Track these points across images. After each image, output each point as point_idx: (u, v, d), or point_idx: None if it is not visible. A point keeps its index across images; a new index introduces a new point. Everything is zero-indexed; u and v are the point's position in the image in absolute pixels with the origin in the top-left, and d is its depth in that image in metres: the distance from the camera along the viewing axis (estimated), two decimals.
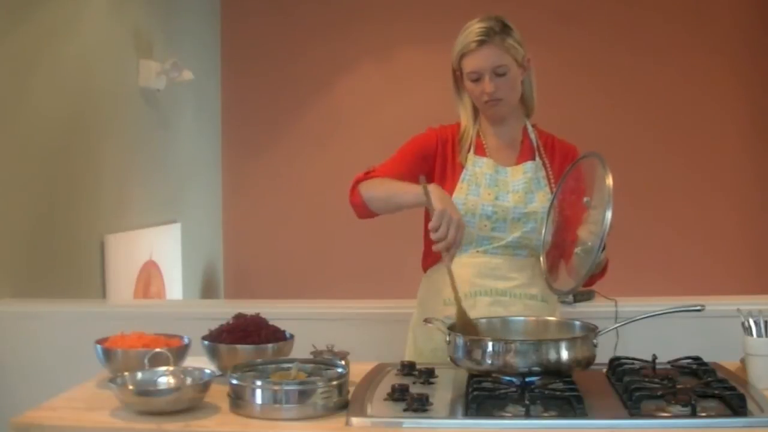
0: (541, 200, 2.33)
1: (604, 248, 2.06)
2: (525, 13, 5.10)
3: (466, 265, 2.33)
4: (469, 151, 2.38)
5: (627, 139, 5.17)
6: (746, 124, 5.21)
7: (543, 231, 2.26)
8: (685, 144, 5.21)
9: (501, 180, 2.35)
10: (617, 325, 1.99)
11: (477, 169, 2.36)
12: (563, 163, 2.39)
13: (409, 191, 2.22)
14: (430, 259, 2.41)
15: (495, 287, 2.32)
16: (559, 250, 2.21)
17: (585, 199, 2.10)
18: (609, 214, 1.95)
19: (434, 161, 2.40)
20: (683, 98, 5.20)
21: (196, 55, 4.98)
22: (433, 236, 2.09)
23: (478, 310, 2.27)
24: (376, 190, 2.34)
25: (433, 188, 2.15)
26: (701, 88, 5.20)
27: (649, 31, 5.20)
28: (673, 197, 5.21)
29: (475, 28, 2.31)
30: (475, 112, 2.42)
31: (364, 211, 2.40)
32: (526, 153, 2.41)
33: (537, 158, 2.39)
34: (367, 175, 2.40)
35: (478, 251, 2.34)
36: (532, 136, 2.42)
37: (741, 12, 5.18)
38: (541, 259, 2.26)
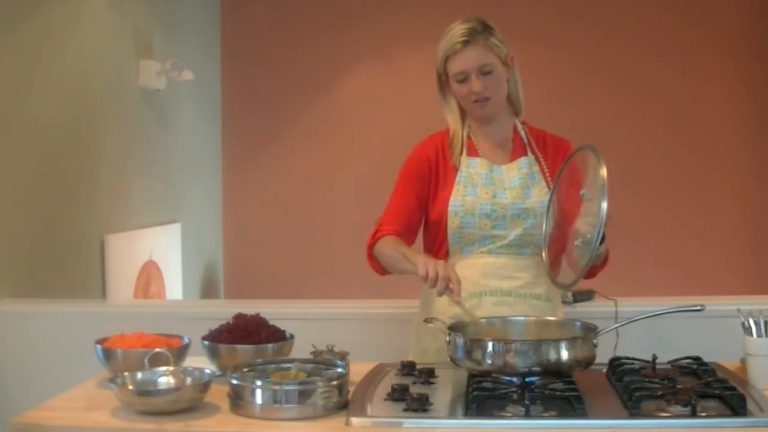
0: (538, 195, 2.34)
1: (603, 239, 2.07)
2: (527, 12, 5.13)
3: (471, 266, 2.34)
4: (461, 153, 2.39)
5: (629, 136, 5.17)
6: (750, 121, 5.21)
7: (543, 226, 2.27)
8: (688, 141, 5.21)
9: (497, 178, 2.36)
10: (617, 325, 1.99)
11: (471, 169, 2.37)
12: (556, 157, 2.40)
13: (404, 264, 2.22)
14: None
15: (500, 287, 2.33)
16: (560, 244, 2.21)
17: (581, 191, 2.11)
18: (605, 205, 1.96)
19: (430, 178, 2.41)
20: (685, 95, 5.20)
21: (196, 55, 4.98)
22: (429, 285, 2.08)
23: (483, 310, 2.28)
24: (385, 260, 2.35)
25: (410, 254, 2.21)
26: (704, 84, 5.19)
27: (653, 27, 5.19)
28: (675, 194, 5.21)
29: (458, 29, 2.33)
30: (462, 114, 2.43)
31: (386, 273, 2.42)
32: (518, 150, 2.42)
33: (529, 154, 2.40)
34: (375, 237, 2.39)
35: (482, 251, 2.35)
36: (522, 133, 2.44)
37: (744, 8, 5.18)
38: (543, 254, 2.26)
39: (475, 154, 2.40)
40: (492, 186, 2.35)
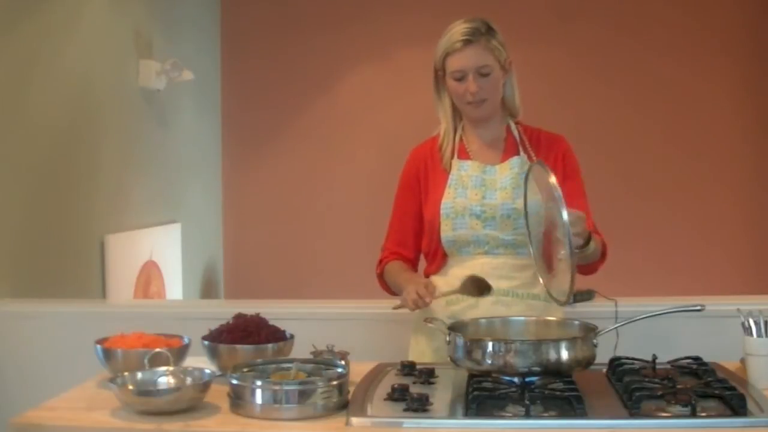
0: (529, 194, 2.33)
1: (588, 240, 2.09)
2: (529, 11, 5.13)
3: (469, 267, 2.35)
4: (453, 156, 2.40)
5: (629, 136, 5.17)
6: (750, 121, 5.20)
7: (531, 251, 2.24)
8: (688, 140, 5.20)
9: (488, 179, 2.36)
10: (617, 325, 1.99)
11: (462, 172, 2.38)
12: (549, 153, 2.40)
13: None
14: (434, 266, 2.43)
15: (497, 287, 2.32)
16: (550, 260, 2.20)
17: (547, 205, 2.10)
18: (565, 214, 1.94)
19: (419, 188, 2.44)
20: (685, 94, 5.19)
21: (196, 55, 4.98)
22: (413, 307, 2.25)
23: (481, 310, 2.28)
24: (393, 286, 2.46)
25: (402, 286, 2.33)
26: (704, 83, 5.19)
27: (653, 26, 5.19)
28: (675, 194, 5.21)
29: (460, 28, 2.33)
30: (455, 113, 2.44)
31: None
32: (510, 149, 2.42)
33: (521, 153, 2.40)
34: (381, 266, 2.49)
35: (479, 252, 2.35)
36: (516, 132, 2.43)
37: (745, 8, 5.18)
38: (540, 279, 2.24)
39: (466, 156, 2.41)
40: (483, 187, 2.35)
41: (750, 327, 1.95)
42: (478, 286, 2.26)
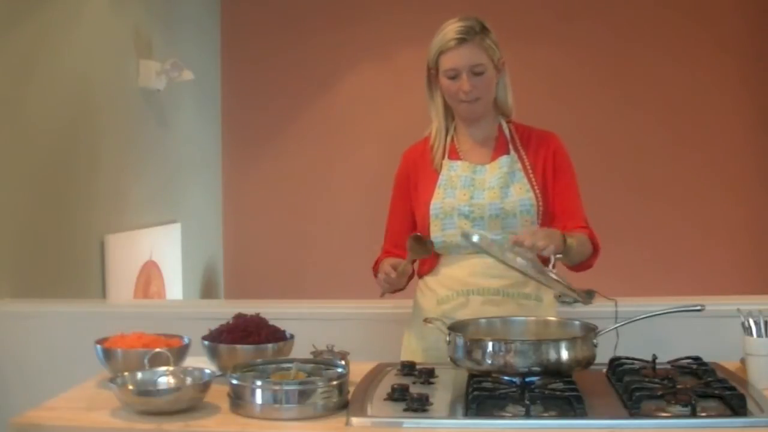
0: (517, 193, 2.33)
1: (566, 242, 2.11)
2: (528, 11, 5.13)
3: (460, 266, 2.35)
4: (443, 157, 2.40)
5: (630, 135, 5.17)
6: (751, 121, 5.20)
7: (537, 281, 2.24)
8: (688, 140, 5.20)
9: (478, 179, 2.36)
10: (617, 325, 1.99)
11: (452, 173, 2.38)
12: (539, 150, 2.39)
13: None
14: (426, 266, 2.44)
15: (488, 286, 2.32)
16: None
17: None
18: (517, 260, 2.01)
19: (410, 190, 2.45)
20: (686, 94, 5.19)
21: (196, 55, 4.98)
22: (389, 288, 2.32)
23: (471, 309, 2.29)
24: None
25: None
26: (705, 83, 5.18)
27: (653, 27, 5.19)
28: (676, 194, 5.21)
29: (454, 26, 2.33)
30: (447, 112, 2.44)
31: (396, 291, 2.48)
32: (500, 148, 2.41)
33: (512, 152, 2.39)
34: (376, 264, 2.49)
35: (470, 252, 2.34)
36: (507, 131, 2.43)
37: (747, 8, 5.18)
38: (562, 294, 2.23)
39: (456, 157, 2.41)
40: (471, 187, 2.35)
41: (750, 327, 1.95)
42: (422, 243, 2.30)
